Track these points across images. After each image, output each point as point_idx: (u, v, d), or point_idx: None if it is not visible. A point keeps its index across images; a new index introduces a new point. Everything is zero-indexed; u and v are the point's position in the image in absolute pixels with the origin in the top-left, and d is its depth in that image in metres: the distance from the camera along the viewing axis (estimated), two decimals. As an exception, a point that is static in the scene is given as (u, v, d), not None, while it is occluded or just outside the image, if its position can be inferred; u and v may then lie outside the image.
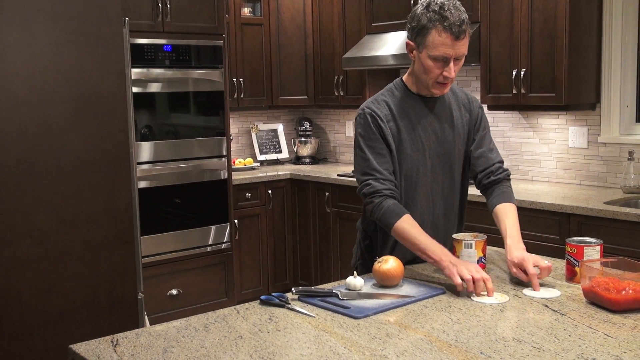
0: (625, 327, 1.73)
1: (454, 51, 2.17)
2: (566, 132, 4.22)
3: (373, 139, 2.27)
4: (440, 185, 2.37)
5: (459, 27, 2.14)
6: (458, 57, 2.20)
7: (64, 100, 2.78)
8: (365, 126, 2.29)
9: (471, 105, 2.44)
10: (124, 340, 1.74)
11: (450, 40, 2.15)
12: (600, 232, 3.30)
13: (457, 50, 2.17)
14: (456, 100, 2.42)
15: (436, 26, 2.14)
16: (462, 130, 2.40)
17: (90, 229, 2.86)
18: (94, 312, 2.88)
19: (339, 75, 5.22)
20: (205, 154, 4.63)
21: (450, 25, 2.13)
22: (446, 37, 2.14)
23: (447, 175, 2.38)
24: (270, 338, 1.72)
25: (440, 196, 2.38)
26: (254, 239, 5.07)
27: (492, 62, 4.14)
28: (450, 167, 2.38)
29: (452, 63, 2.19)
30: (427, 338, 1.69)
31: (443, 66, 2.20)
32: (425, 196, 2.35)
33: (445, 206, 2.40)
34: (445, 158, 2.36)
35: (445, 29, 2.13)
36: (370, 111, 2.30)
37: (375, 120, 2.28)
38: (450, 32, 2.14)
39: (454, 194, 2.43)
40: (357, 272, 2.14)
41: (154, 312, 4.16)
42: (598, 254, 2.10)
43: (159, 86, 4.42)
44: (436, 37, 2.15)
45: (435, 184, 2.36)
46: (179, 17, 4.45)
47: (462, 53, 2.20)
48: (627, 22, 3.95)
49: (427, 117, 2.34)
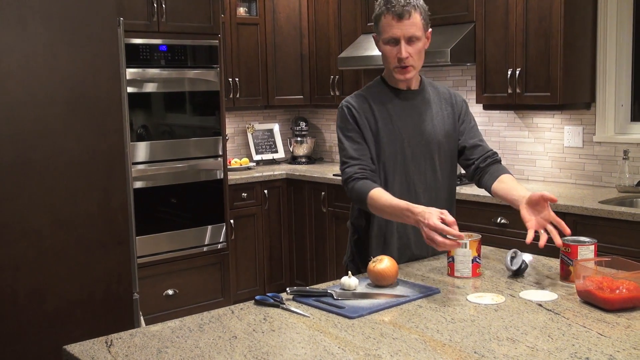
0: (618, 326, 1.74)
1: (400, 31, 2.27)
2: (561, 131, 4.22)
3: (349, 129, 2.37)
4: (422, 176, 2.40)
5: (403, 8, 2.25)
6: (409, 38, 2.28)
7: (58, 101, 2.78)
8: (343, 118, 2.40)
9: (453, 99, 2.50)
10: (118, 340, 1.73)
11: (394, 21, 2.27)
12: (596, 231, 3.30)
13: (404, 30, 2.26)
14: (437, 95, 2.48)
15: (383, 11, 2.29)
16: (443, 122, 2.44)
17: (85, 229, 2.85)
18: (89, 313, 2.87)
19: (335, 75, 5.22)
20: (201, 154, 4.63)
21: (393, 7, 2.26)
22: (391, 19, 2.27)
23: (428, 166, 2.41)
24: (264, 338, 1.72)
25: (424, 187, 2.41)
26: (250, 239, 5.07)
27: (488, 62, 4.15)
28: (432, 157, 2.41)
29: (403, 43, 2.27)
30: (421, 338, 1.69)
31: (394, 47, 2.29)
32: (405, 186, 2.39)
33: (430, 197, 2.42)
34: (425, 148, 2.39)
35: (389, 10, 2.27)
36: (347, 104, 2.40)
37: (351, 111, 2.38)
38: (394, 14, 2.26)
39: (438, 186, 2.44)
40: (347, 269, 2.15)
41: (150, 313, 4.16)
42: (592, 253, 2.11)
43: (154, 86, 4.42)
44: (384, 21, 2.29)
45: (417, 174, 2.40)
46: (174, 17, 4.45)
47: (411, 33, 2.27)
48: (621, 21, 3.96)
49: (405, 108, 2.40)
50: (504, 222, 3.77)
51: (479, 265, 2.21)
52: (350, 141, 2.36)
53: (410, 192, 2.39)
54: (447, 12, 4.25)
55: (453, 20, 4.23)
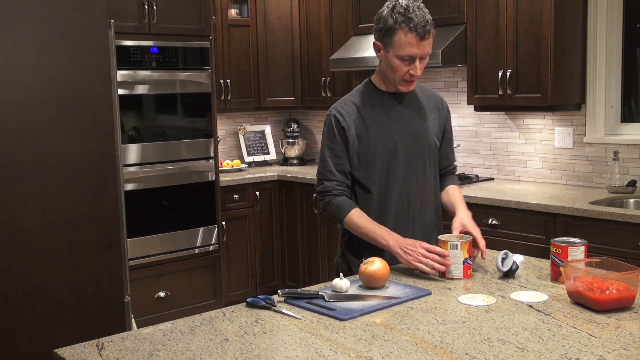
0: (608, 326, 1.74)
1: (419, 50, 2.29)
2: (552, 132, 4.24)
3: (334, 141, 2.39)
4: (415, 177, 2.43)
5: (424, 28, 2.25)
6: (423, 56, 2.32)
7: (49, 103, 2.77)
8: (329, 127, 2.42)
9: (440, 104, 2.54)
10: (109, 344, 1.73)
11: (415, 40, 2.26)
12: (586, 231, 3.32)
13: (423, 49, 2.29)
14: (426, 98, 2.51)
15: (402, 27, 2.25)
16: (432, 124, 2.48)
17: (76, 231, 2.85)
18: (80, 316, 2.87)
19: (326, 77, 5.23)
20: (192, 155, 4.62)
21: (415, 26, 2.24)
22: (412, 38, 2.26)
23: (420, 167, 2.44)
24: (256, 341, 1.72)
25: (415, 188, 2.44)
26: (242, 240, 5.07)
27: (479, 63, 4.16)
28: (423, 158, 2.44)
29: (417, 61, 2.30)
30: (412, 339, 1.70)
31: (409, 65, 2.31)
32: (398, 187, 2.41)
33: (422, 198, 2.46)
34: (417, 149, 2.42)
35: (411, 29, 2.25)
36: (336, 112, 2.41)
37: (339, 121, 2.39)
38: (416, 33, 2.25)
39: (428, 186, 2.48)
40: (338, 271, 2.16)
41: (142, 315, 4.15)
42: (582, 254, 2.12)
43: (145, 88, 4.41)
44: (402, 38, 2.26)
45: (409, 175, 2.42)
46: (165, 19, 4.44)
47: (427, 52, 2.32)
48: (611, 23, 3.98)
49: (396, 110, 2.42)
50: (495, 223, 3.79)
51: (470, 267, 2.22)
52: (333, 154, 2.39)
53: (402, 193, 2.41)
54: (438, 13, 4.25)
55: (444, 22, 4.24)
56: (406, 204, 2.42)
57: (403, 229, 2.41)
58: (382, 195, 2.40)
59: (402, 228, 2.41)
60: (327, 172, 2.39)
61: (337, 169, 2.38)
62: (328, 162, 2.39)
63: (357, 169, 2.39)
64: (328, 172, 2.39)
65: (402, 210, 2.42)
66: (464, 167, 4.71)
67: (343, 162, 2.38)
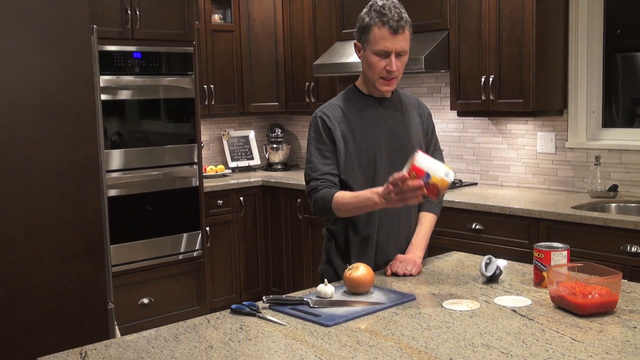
0: (591, 331, 1.76)
1: (393, 45, 2.30)
2: (534, 137, 4.27)
3: (321, 141, 2.39)
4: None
5: (397, 22, 2.29)
6: (399, 53, 2.32)
7: (31, 108, 2.75)
8: (316, 128, 2.41)
9: (421, 109, 2.55)
10: (92, 351, 1.72)
11: (389, 34, 2.29)
12: (568, 236, 3.34)
13: (397, 44, 2.30)
14: (408, 103, 2.52)
15: (376, 22, 2.30)
16: (415, 130, 2.48)
17: (59, 237, 2.83)
18: (63, 323, 2.84)
19: (310, 82, 5.23)
20: (176, 161, 4.61)
21: (388, 20, 2.29)
22: (385, 32, 2.29)
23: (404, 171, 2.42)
24: (240, 347, 1.71)
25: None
26: (226, 246, 5.05)
27: (462, 69, 4.18)
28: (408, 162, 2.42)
29: (393, 57, 2.31)
30: (397, 345, 1.70)
31: (385, 60, 2.32)
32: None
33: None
34: (402, 153, 2.41)
35: (384, 23, 2.29)
36: (322, 114, 2.41)
37: (325, 122, 2.39)
38: (389, 27, 2.29)
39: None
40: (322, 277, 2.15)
41: (125, 322, 4.12)
42: (565, 259, 2.13)
43: (129, 93, 4.39)
44: (376, 33, 2.30)
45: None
46: (148, 24, 4.42)
47: (402, 48, 2.32)
48: (592, 29, 4.02)
49: (380, 114, 2.43)
50: (478, 228, 3.80)
51: (431, 187, 2.11)
52: (320, 154, 2.38)
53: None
54: (422, 19, 4.28)
55: (427, 28, 4.27)
56: (391, 210, 2.41)
57: (387, 235, 2.42)
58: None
59: (387, 234, 2.42)
60: (313, 172, 2.37)
61: (323, 168, 2.36)
62: (314, 163, 2.38)
63: (342, 172, 2.39)
64: (314, 172, 2.37)
65: (386, 213, 2.41)
66: (448, 172, 4.72)
67: (330, 162, 2.37)
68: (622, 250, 3.23)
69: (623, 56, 4.16)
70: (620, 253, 3.24)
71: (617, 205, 3.75)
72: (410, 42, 2.38)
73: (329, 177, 2.35)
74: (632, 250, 3.19)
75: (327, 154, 2.38)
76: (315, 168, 2.37)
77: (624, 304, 1.95)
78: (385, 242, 2.43)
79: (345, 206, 2.27)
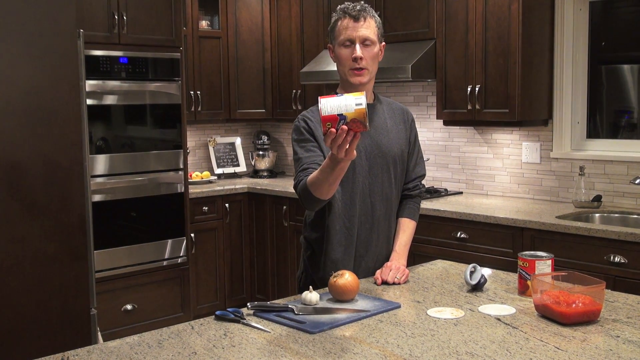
0: (575, 339, 1.77)
1: (356, 32, 2.32)
2: (519, 147, 4.30)
3: (303, 139, 2.38)
4: (379, 187, 2.42)
5: (359, 12, 2.34)
6: (364, 41, 2.33)
7: (16, 112, 2.73)
8: (297, 129, 2.41)
9: (405, 116, 2.54)
10: (74, 357, 1.70)
11: (351, 23, 2.33)
12: (553, 245, 3.36)
13: (360, 31, 2.33)
14: (391, 110, 2.51)
15: (340, 17, 2.37)
16: (398, 137, 2.48)
17: (42, 242, 2.80)
18: (45, 329, 2.82)
19: (297, 89, 5.24)
20: (161, 167, 4.59)
21: (349, 11, 2.34)
22: (347, 21, 2.34)
23: (385, 177, 2.43)
24: (224, 354, 1.70)
25: (380, 197, 2.43)
26: (211, 253, 5.04)
27: (448, 78, 4.20)
28: (388, 168, 2.44)
29: (358, 45, 2.32)
30: (381, 352, 1.70)
31: (351, 49, 2.34)
32: (362, 197, 2.40)
33: (386, 208, 2.45)
34: (382, 160, 2.41)
35: (345, 14, 2.35)
36: (302, 117, 2.42)
37: (306, 123, 2.39)
38: (350, 16, 2.34)
39: (392, 198, 2.47)
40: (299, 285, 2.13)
41: (108, 328, 4.09)
42: (549, 268, 2.14)
43: (114, 98, 4.37)
44: (340, 25, 2.36)
45: (374, 185, 2.41)
46: (135, 29, 4.41)
47: (366, 36, 2.33)
48: (578, 41, 4.05)
49: None
50: (463, 237, 3.82)
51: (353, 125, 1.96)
52: (305, 150, 2.35)
53: (365, 203, 2.40)
54: (408, 29, 4.30)
55: (414, 37, 4.29)
56: (370, 214, 2.41)
57: (367, 241, 2.41)
58: (346, 203, 2.38)
59: (366, 240, 2.41)
60: (301, 171, 2.31)
61: (308, 160, 2.31)
62: (302, 160, 2.33)
63: None
64: (302, 172, 2.30)
65: (365, 219, 2.41)
66: (434, 181, 4.74)
67: (317, 154, 2.33)
68: (605, 260, 3.26)
69: (607, 68, 4.20)
70: (604, 263, 3.26)
71: (600, 215, 3.78)
72: (395, 50, 2.36)
73: (314, 167, 2.26)
74: (615, 260, 3.22)
75: (312, 148, 2.35)
76: (301, 162, 2.33)
77: (607, 313, 1.96)
78: (364, 251, 2.42)
79: (315, 182, 2.16)
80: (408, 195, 2.55)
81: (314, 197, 2.20)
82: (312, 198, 2.21)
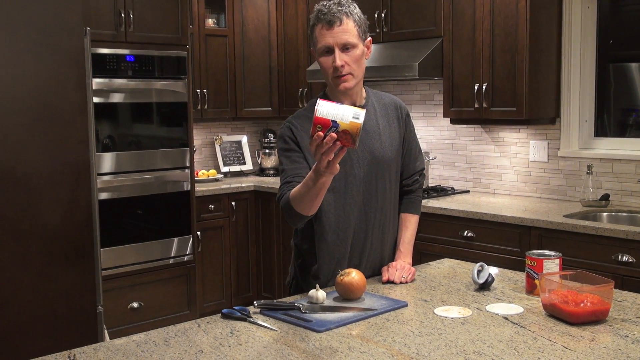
0: (583, 339, 1.75)
1: (333, 39, 2.18)
2: (527, 146, 4.28)
3: (288, 149, 2.28)
4: (374, 195, 2.32)
5: (333, 15, 2.18)
6: (343, 45, 2.19)
7: (23, 111, 2.73)
8: (282, 138, 2.30)
9: (399, 111, 2.41)
10: (81, 355, 1.70)
11: (325, 30, 2.19)
12: (560, 244, 3.34)
13: (336, 37, 2.18)
14: (384, 108, 2.39)
15: (315, 23, 2.23)
16: (391, 138, 2.35)
17: (48, 240, 2.81)
18: (51, 326, 2.82)
19: (303, 88, 5.23)
20: (168, 165, 4.59)
21: (323, 17, 2.20)
22: (322, 29, 2.20)
23: (380, 184, 2.33)
24: (231, 352, 1.70)
25: (375, 206, 2.33)
26: (217, 251, 5.04)
27: (455, 77, 4.19)
28: (383, 175, 2.33)
29: (337, 52, 2.18)
30: (388, 351, 1.69)
31: (331, 57, 2.21)
32: (357, 208, 2.30)
33: (381, 216, 2.35)
34: (377, 167, 2.31)
35: (320, 21, 2.20)
36: (288, 124, 2.32)
37: (291, 130, 2.29)
38: (324, 22, 2.19)
39: (389, 203, 2.38)
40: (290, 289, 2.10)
41: (115, 326, 4.10)
42: (557, 267, 2.13)
43: (121, 96, 4.37)
44: (317, 33, 2.22)
45: (368, 194, 2.31)
46: (142, 27, 4.42)
47: (344, 40, 2.18)
48: (585, 38, 4.03)
49: None
50: (470, 236, 3.80)
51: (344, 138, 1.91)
52: (290, 161, 2.25)
53: (360, 214, 2.31)
54: (415, 27, 4.29)
55: (421, 35, 4.27)
56: (364, 223, 2.32)
57: (361, 251, 2.33)
58: (340, 217, 2.28)
59: (360, 250, 2.33)
60: (284, 184, 2.22)
61: (293, 176, 2.22)
62: (286, 171, 2.25)
63: None
64: (285, 185, 2.21)
65: (360, 230, 2.32)
66: (440, 180, 4.73)
67: (302, 166, 2.23)
68: (613, 259, 3.24)
69: (615, 66, 4.18)
70: (612, 262, 3.24)
71: (608, 214, 3.76)
72: (402, 48, 2.25)
73: (298, 179, 2.18)
74: (623, 259, 3.20)
75: (297, 158, 2.26)
76: (285, 174, 2.24)
77: (616, 312, 1.95)
78: (358, 261, 2.33)
79: (297, 197, 2.09)
80: (408, 190, 2.47)
81: (296, 212, 2.13)
82: (295, 214, 2.14)
